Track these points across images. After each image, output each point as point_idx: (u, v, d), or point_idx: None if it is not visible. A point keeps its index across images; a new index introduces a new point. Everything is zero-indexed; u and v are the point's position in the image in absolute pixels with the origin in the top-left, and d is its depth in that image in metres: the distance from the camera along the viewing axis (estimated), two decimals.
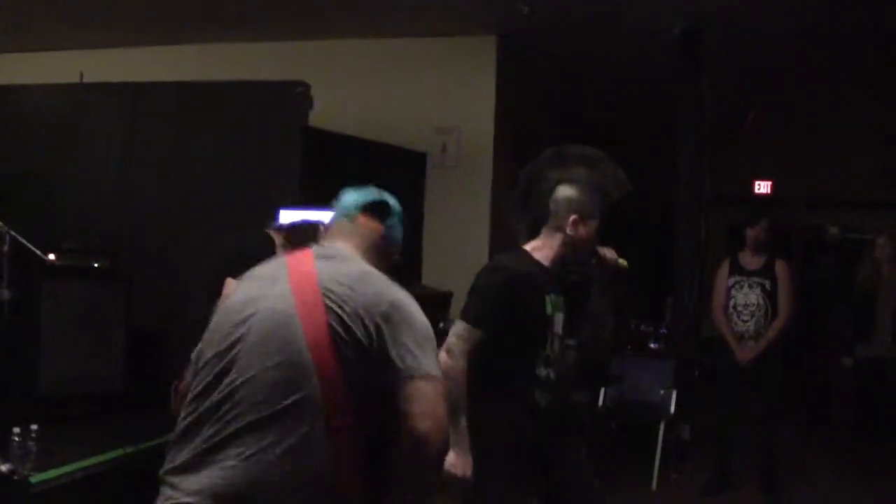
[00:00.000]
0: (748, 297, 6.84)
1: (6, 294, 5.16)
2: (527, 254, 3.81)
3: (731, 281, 6.94)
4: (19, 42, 9.13)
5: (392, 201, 2.63)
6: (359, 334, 2.16)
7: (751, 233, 6.93)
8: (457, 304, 7.23)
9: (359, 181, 2.59)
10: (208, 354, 2.26)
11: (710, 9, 7.24)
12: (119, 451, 4.80)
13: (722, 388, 7.04)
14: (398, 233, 2.62)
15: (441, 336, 7.15)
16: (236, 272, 2.60)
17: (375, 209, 2.57)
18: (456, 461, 3.45)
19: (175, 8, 7.96)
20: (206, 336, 2.34)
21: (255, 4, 7.79)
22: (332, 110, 7.13)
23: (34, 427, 4.38)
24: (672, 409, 7.17)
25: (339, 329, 2.16)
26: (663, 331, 8.55)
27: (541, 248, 3.80)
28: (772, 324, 6.75)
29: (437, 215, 8.19)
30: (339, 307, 2.18)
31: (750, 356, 6.70)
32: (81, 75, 7.62)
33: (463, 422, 3.45)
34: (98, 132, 7.26)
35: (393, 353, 2.17)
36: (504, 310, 3.58)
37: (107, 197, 7.07)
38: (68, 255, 6.11)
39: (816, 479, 7.38)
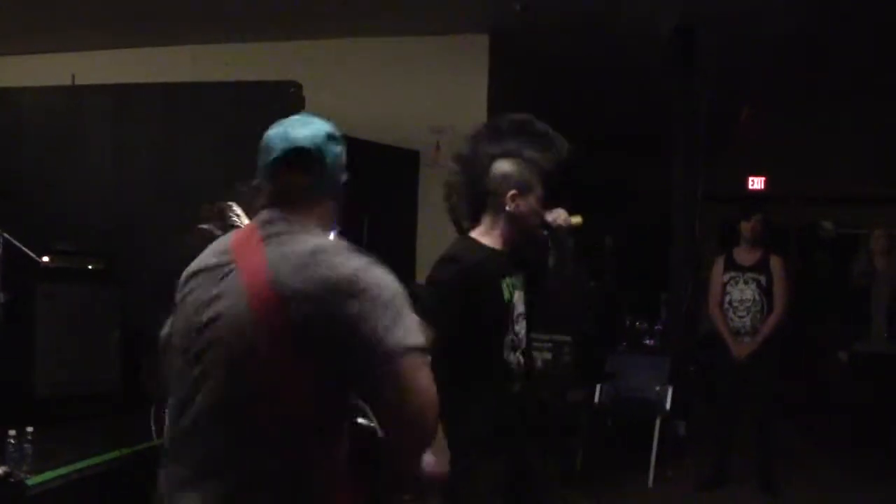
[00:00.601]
0: (744, 293, 6.84)
1: (0, 297, 5.15)
2: (474, 241, 3.69)
3: (727, 277, 6.94)
4: (11, 45, 9.12)
5: (311, 136, 2.18)
6: (324, 326, 1.94)
7: (746, 226, 6.91)
8: None
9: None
10: (176, 364, 2.14)
11: (704, 7, 7.25)
12: (115, 453, 4.78)
13: (718, 384, 7.05)
14: (332, 163, 2.22)
15: None
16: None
17: (295, 162, 2.16)
18: (431, 460, 3.42)
19: (166, 9, 7.95)
20: (172, 339, 2.23)
21: (246, 5, 7.78)
22: (324, 110, 7.02)
23: (30, 429, 4.36)
24: (668, 405, 7.17)
25: (302, 326, 1.93)
26: (659, 327, 8.54)
27: (488, 232, 3.68)
28: (767, 319, 6.76)
29: (431, 213, 8.16)
30: (296, 299, 1.94)
31: (746, 352, 6.71)
32: (73, 77, 7.60)
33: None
34: (90, 134, 7.23)
35: (367, 336, 1.93)
36: (462, 304, 3.48)
37: (100, 198, 7.05)
38: (62, 256, 6.08)
39: (813, 474, 7.40)
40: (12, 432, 4.29)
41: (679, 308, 7.97)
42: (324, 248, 2.05)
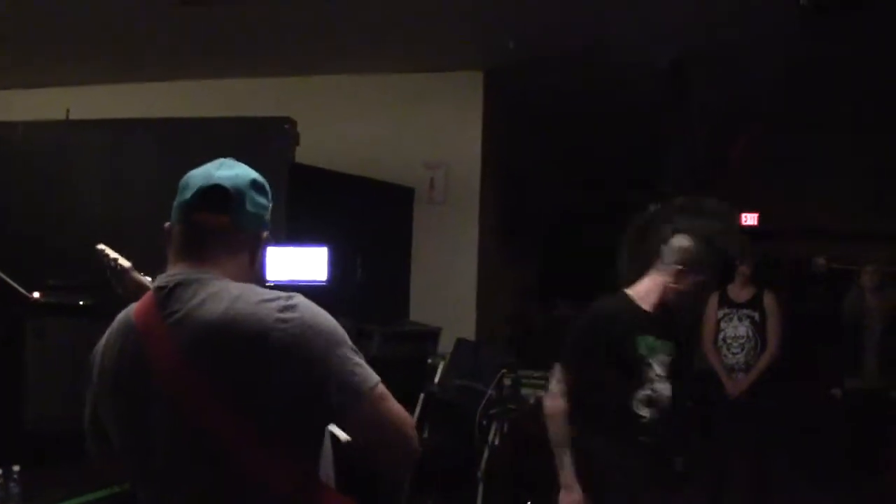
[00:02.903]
0: (737, 329, 6.83)
1: None
2: (625, 296, 3.85)
3: (721, 313, 6.93)
4: (5, 79, 9.12)
5: (231, 178, 1.99)
6: (262, 394, 1.79)
7: (741, 269, 6.92)
8: (444, 340, 7.26)
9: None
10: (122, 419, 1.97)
11: (697, 43, 7.27)
12: (105, 492, 4.74)
13: (714, 419, 7.02)
14: (254, 210, 2.03)
15: (428, 372, 7.09)
16: None
17: (210, 202, 1.96)
18: (565, 498, 3.58)
19: (162, 44, 7.96)
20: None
21: (242, 41, 7.79)
22: (319, 146, 7.12)
23: (16, 468, 4.32)
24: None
25: (236, 402, 1.78)
26: None
27: (642, 291, 3.84)
28: (761, 356, 6.75)
29: (425, 251, 8.18)
30: (220, 374, 1.79)
31: (740, 388, 6.70)
32: (68, 112, 7.59)
33: (567, 459, 3.59)
34: (84, 169, 7.22)
35: (317, 386, 1.81)
36: (591, 349, 3.67)
37: (93, 233, 7.01)
38: (54, 292, 6.06)
39: None
40: None
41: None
42: (240, 299, 1.86)
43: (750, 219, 12.92)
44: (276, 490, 1.82)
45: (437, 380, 6.95)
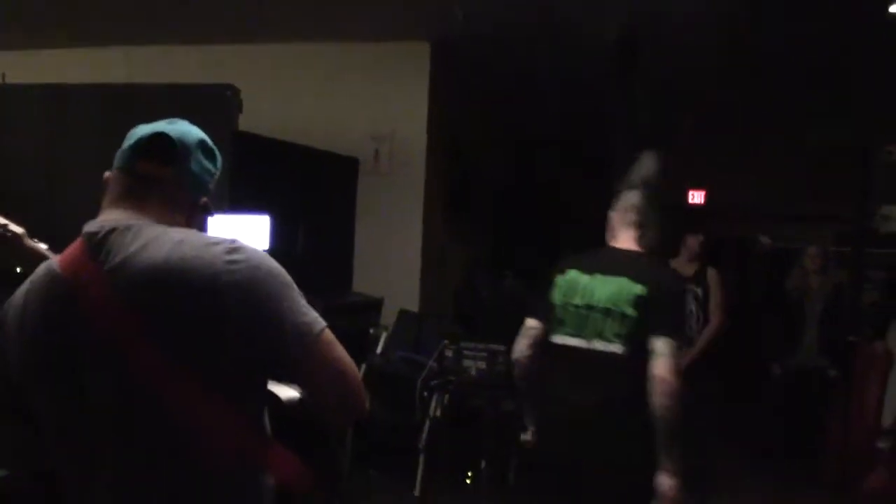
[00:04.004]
0: None
1: None
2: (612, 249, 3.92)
3: None
4: None
5: (179, 133, 1.96)
6: (210, 339, 1.74)
7: (693, 241, 6.94)
8: (387, 311, 7.24)
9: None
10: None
11: (644, 19, 7.26)
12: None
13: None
14: (199, 171, 1.98)
15: (371, 342, 7.05)
16: None
17: (155, 150, 1.93)
18: (670, 485, 3.48)
19: (101, 9, 7.80)
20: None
21: (183, 7, 7.66)
22: (262, 115, 7.04)
23: None
24: None
25: (181, 349, 1.73)
26: None
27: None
28: (704, 331, 6.78)
29: (370, 222, 8.13)
30: (165, 320, 1.73)
31: (683, 363, 6.70)
32: (3, 76, 7.43)
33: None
34: (21, 135, 7.08)
35: (268, 328, 1.77)
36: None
37: (32, 201, 6.90)
38: None
39: (745, 487, 7.43)
40: None
41: None
42: (183, 243, 1.80)
43: (697, 197, 13.01)
44: (221, 444, 1.78)
45: (379, 351, 6.93)
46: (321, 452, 2.03)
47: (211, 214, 2.06)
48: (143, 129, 1.97)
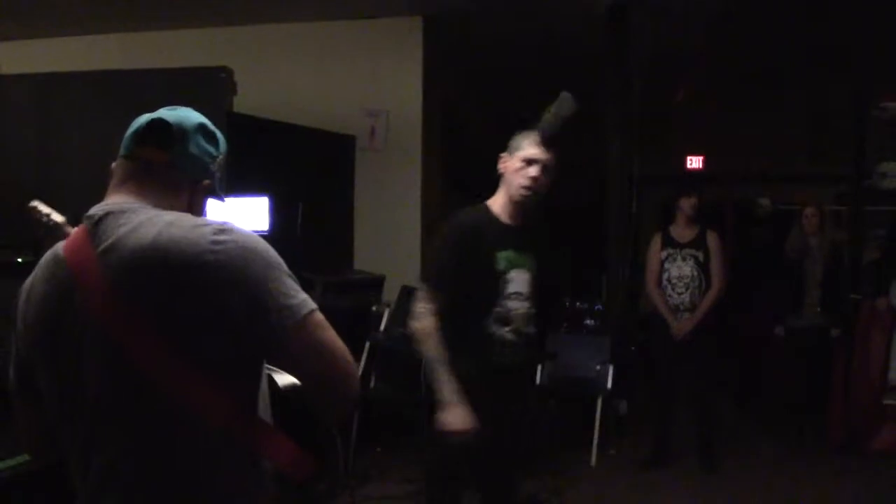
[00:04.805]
0: (682, 269, 6.85)
1: None
2: (485, 207, 3.81)
3: (664, 254, 6.94)
4: None
5: (177, 118, 1.99)
6: (196, 320, 1.75)
7: (686, 202, 6.90)
8: (389, 288, 7.25)
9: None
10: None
11: None
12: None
13: (658, 362, 7.07)
14: (199, 154, 2.01)
15: (374, 320, 7.08)
16: None
17: (153, 135, 1.97)
18: (448, 416, 3.48)
19: None
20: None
21: None
22: (257, 96, 7.05)
23: None
24: (609, 384, 7.20)
25: (168, 330, 1.74)
26: (598, 307, 8.56)
27: (499, 203, 3.80)
28: (706, 295, 6.79)
29: (368, 199, 8.13)
30: (151, 301, 1.75)
31: (686, 328, 6.72)
32: None
33: (444, 377, 3.50)
34: (17, 124, 7.08)
35: (253, 309, 1.76)
36: (454, 264, 3.62)
37: (28, 189, 6.89)
38: None
39: (752, 449, 7.47)
40: None
41: (618, 288, 8.00)
42: (171, 225, 1.81)
43: (695, 162, 12.99)
44: (210, 422, 1.78)
45: (381, 328, 6.95)
46: (320, 438, 2.03)
47: (218, 196, 2.08)
48: (143, 117, 2.00)
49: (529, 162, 3.71)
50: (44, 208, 3.27)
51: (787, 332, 7.79)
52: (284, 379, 1.99)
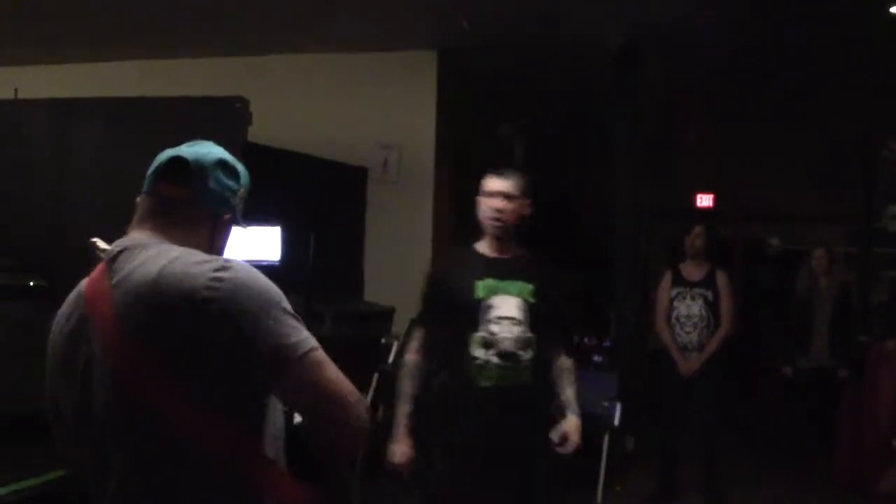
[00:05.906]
0: (690, 308, 6.85)
1: None
2: (470, 244, 4.04)
3: (674, 292, 6.95)
4: None
5: (196, 154, 2.01)
6: (192, 356, 1.77)
7: (687, 239, 6.94)
8: (399, 320, 7.25)
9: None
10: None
11: (649, 24, 7.30)
12: (55, 474, 4.69)
13: (665, 399, 7.06)
14: (219, 189, 2.02)
15: (383, 352, 7.08)
16: None
17: (172, 172, 2.00)
18: (396, 449, 3.82)
19: (112, 24, 7.86)
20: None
21: (193, 20, 7.72)
22: (272, 126, 7.07)
23: None
24: (617, 421, 7.18)
25: (167, 364, 1.77)
26: (607, 344, 8.55)
27: (480, 238, 4.01)
28: (714, 335, 6.78)
29: (379, 231, 8.16)
30: (150, 335, 1.78)
31: (693, 367, 6.72)
32: (16, 92, 7.49)
33: (399, 410, 3.84)
34: (33, 149, 7.12)
35: (248, 348, 1.77)
36: (432, 298, 3.96)
37: (42, 214, 6.94)
38: (2, 273, 5.98)
39: (758, 488, 7.44)
40: None
41: (627, 324, 8.00)
42: (176, 261, 1.84)
43: (705, 200, 13.03)
44: (210, 455, 1.80)
45: (391, 360, 6.95)
46: (330, 477, 2.03)
47: (240, 226, 2.14)
48: (165, 153, 2.04)
49: (492, 194, 3.90)
50: (102, 244, 3.35)
51: (796, 372, 7.78)
52: (299, 417, 2.00)
